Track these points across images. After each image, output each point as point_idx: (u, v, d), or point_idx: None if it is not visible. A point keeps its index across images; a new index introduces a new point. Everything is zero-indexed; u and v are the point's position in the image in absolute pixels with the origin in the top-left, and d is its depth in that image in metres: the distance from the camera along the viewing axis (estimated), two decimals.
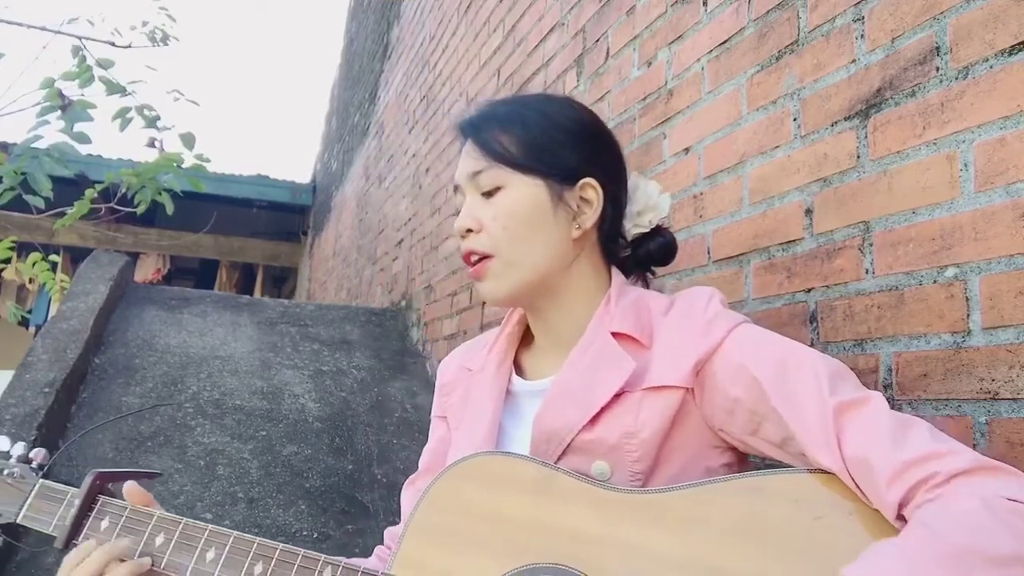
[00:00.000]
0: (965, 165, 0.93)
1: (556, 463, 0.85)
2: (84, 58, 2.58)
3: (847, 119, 1.12)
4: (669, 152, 1.58)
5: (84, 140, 2.45)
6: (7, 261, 3.05)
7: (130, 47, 2.93)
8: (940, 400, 0.94)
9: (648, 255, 1.00)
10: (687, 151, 1.52)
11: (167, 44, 3.04)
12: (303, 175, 10.94)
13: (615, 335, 0.88)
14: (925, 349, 0.97)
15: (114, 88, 2.60)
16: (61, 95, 2.41)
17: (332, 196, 7.16)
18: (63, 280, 3.44)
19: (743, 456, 0.89)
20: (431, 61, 3.76)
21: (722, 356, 0.83)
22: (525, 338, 1.02)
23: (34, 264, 3.09)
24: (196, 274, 9.24)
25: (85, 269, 3.56)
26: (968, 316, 0.91)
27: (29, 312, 7.64)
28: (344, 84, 7.23)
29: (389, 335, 3.74)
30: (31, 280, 6.16)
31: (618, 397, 0.85)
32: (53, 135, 2.43)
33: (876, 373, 1.04)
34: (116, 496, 0.99)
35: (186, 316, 3.54)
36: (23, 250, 3.74)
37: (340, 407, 3.01)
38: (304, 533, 2.31)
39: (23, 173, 2.40)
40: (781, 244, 1.24)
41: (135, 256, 6.88)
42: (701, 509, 0.75)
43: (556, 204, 0.91)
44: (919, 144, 1.00)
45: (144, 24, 3.00)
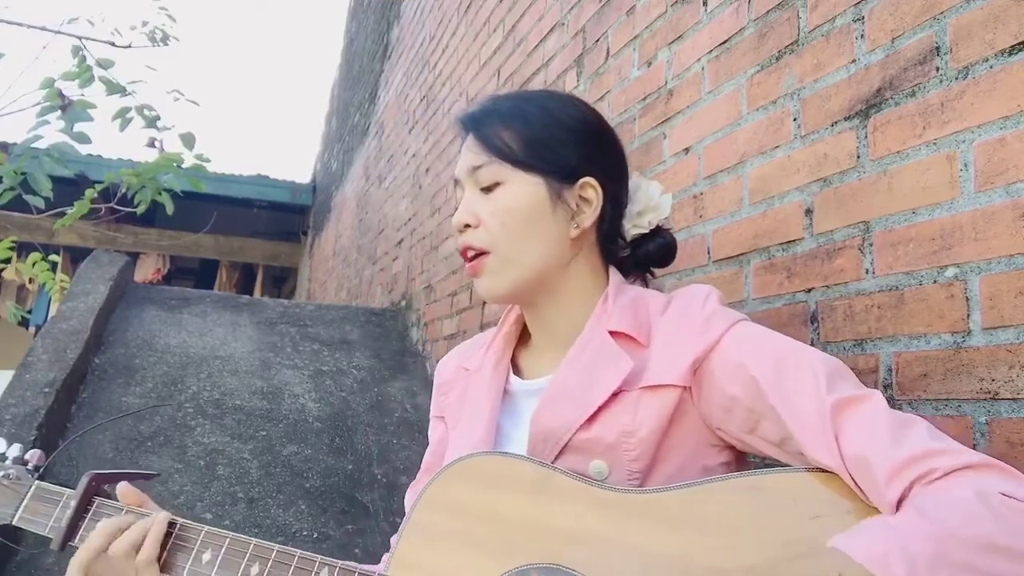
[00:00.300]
0: (965, 165, 0.93)
1: (554, 462, 0.85)
2: (84, 58, 2.57)
3: (847, 119, 1.12)
4: (669, 152, 1.58)
5: (84, 140, 2.45)
6: (7, 261, 3.05)
7: (130, 47, 2.93)
8: (940, 400, 0.94)
9: (647, 256, 1.00)
10: (687, 151, 1.52)
11: (167, 44, 3.04)
12: (303, 175, 10.95)
13: (613, 334, 0.88)
14: (925, 349, 0.97)
15: (114, 88, 2.60)
16: (61, 95, 2.41)
17: (332, 196, 7.16)
18: (63, 280, 3.44)
19: (741, 455, 0.89)
20: (431, 61, 3.76)
21: (720, 354, 0.82)
22: (522, 337, 1.01)
23: (34, 264, 3.09)
24: (196, 274, 9.24)
25: (85, 269, 3.56)
26: (968, 316, 0.91)
27: (29, 312, 7.64)
28: (344, 84, 7.23)
29: (389, 335, 3.74)
30: (31, 280, 6.15)
31: (616, 396, 0.85)
32: (53, 135, 2.43)
33: (876, 373, 1.04)
34: (112, 498, 0.99)
35: (186, 316, 3.54)
36: (23, 250, 3.74)
37: (340, 407, 3.01)
38: (304, 533, 2.31)
39: (23, 173, 2.40)
40: (781, 244, 1.24)
41: (135, 256, 6.88)
42: (698, 508, 0.75)
43: (555, 202, 0.91)
44: (919, 144, 1.00)
45: (144, 24, 3.01)
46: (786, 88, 1.25)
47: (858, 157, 1.10)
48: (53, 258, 3.40)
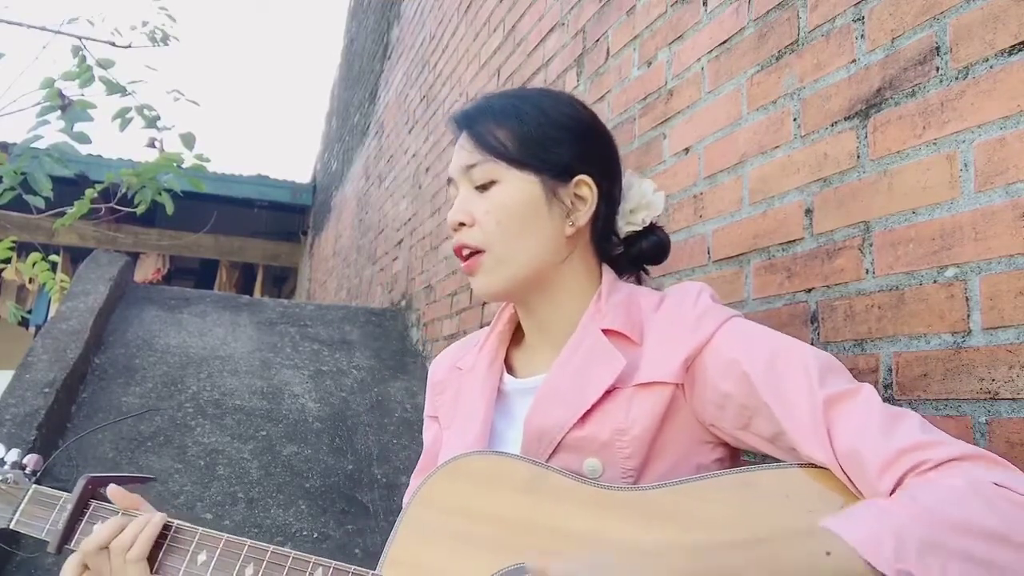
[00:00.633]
0: (965, 165, 0.93)
1: (548, 461, 0.85)
2: (84, 58, 2.58)
3: (847, 119, 1.12)
4: (669, 152, 1.58)
5: (84, 140, 2.45)
6: (7, 261, 3.05)
7: (130, 47, 2.93)
8: (940, 400, 0.94)
9: (640, 253, 1.00)
10: (687, 151, 1.52)
11: (167, 44, 3.04)
12: (303, 175, 10.95)
13: (606, 332, 0.88)
14: (925, 349, 0.97)
15: (114, 88, 2.60)
16: (61, 95, 2.41)
17: (332, 196, 7.17)
18: (63, 280, 3.44)
19: (735, 452, 0.89)
20: (431, 61, 3.76)
21: (712, 351, 0.82)
22: (516, 336, 1.01)
23: (34, 264, 3.09)
24: (196, 274, 9.24)
25: (85, 269, 3.56)
26: (968, 316, 0.91)
27: (29, 312, 7.64)
28: (344, 84, 7.23)
29: (389, 335, 3.74)
30: (31, 280, 6.16)
31: (608, 394, 0.85)
32: (53, 135, 2.43)
33: (876, 373, 1.04)
34: (109, 501, 0.99)
35: (186, 316, 3.54)
36: (23, 250, 3.75)
37: (340, 407, 3.01)
38: (304, 533, 2.31)
39: (23, 173, 2.40)
40: (781, 244, 1.24)
41: (135, 256, 6.88)
42: (692, 505, 0.75)
43: (550, 200, 0.91)
44: (919, 144, 1.00)
45: (144, 24, 3.01)
46: (786, 88, 1.25)
47: (858, 157, 1.10)
48: (53, 258, 3.40)
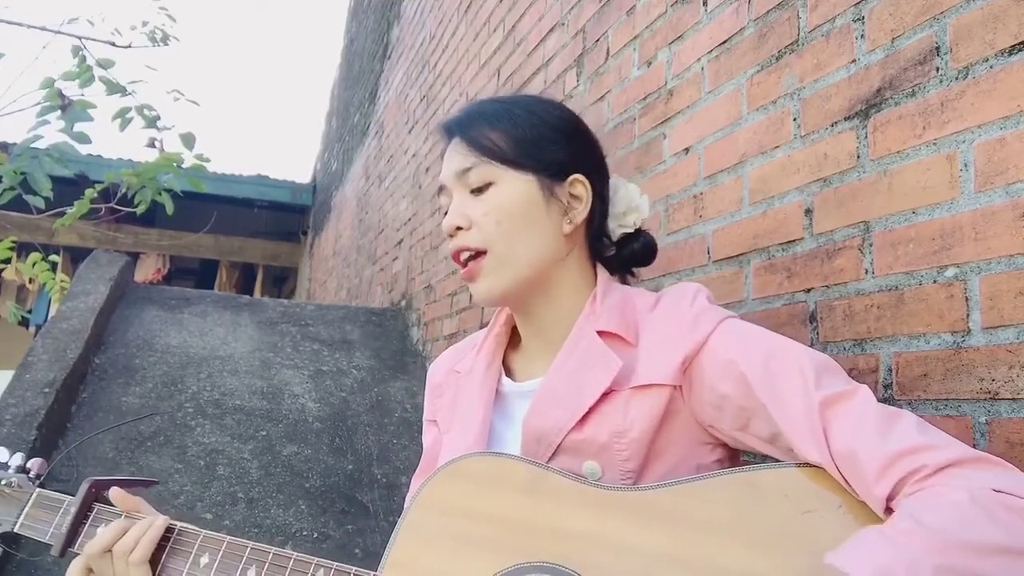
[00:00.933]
0: (965, 165, 0.93)
1: (547, 463, 0.85)
2: (84, 58, 2.58)
3: (847, 119, 1.12)
4: (669, 152, 1.58)
5: (84, 140, 2.45)
6: (7, 261, 3.05)
7: (130, 47, 2.93)
8: (940, 400, 0.94)
9: (632, 255, 1.01)
10: (687, 151, 1.52)
11: (167, 44, 3.04)
12: (303, 175, 10.95)
13: (601, 334, 0.88)
14: (925, 349, 0.97)
15: (114, 88, 2.60)
16: (61, 95, 2.41)
17: (332, 196, 7.17)
18: (63, 280, 3.44)
19: (735, 453, 0.89)
20: (431, 61, 3.76)
21: (709, 352, 0.83)
22: (512, 339, 1.02)
23: (34, 264, 3.09)
24: (196, 274, 9.24)
25: (85, 269, 3.56)
26: (968, 316, 0.91)
27: (29, 312, 7.64)
28: (344, 84, 7.23)
29: (389, 335, 3.74)
30: (31, 280, 6.15)
31: (606, 396, 0.85)
32: (53, 135, 2.43)
33: (876, 373, 1.04)
34: (112, 504, 1.00)
35: (186, 316, 3.54)
36: (23, 250, 3.75)
37: (340, 407, 3.01)
38: (304, 533, 2.31)
39: (23, 173, 2.40)
40: (781, 244, 1.24)
41: (135, 256, 6.88)
42: (691, 505, 0.75)
43: (548, 199, 0.91)
44: (919, 144, 1.00)
45: (144, 24, 3.01)
46: (786, 88, 1.25)
47: (858, 157, 1.10)
48: (53, 258, 3.40)
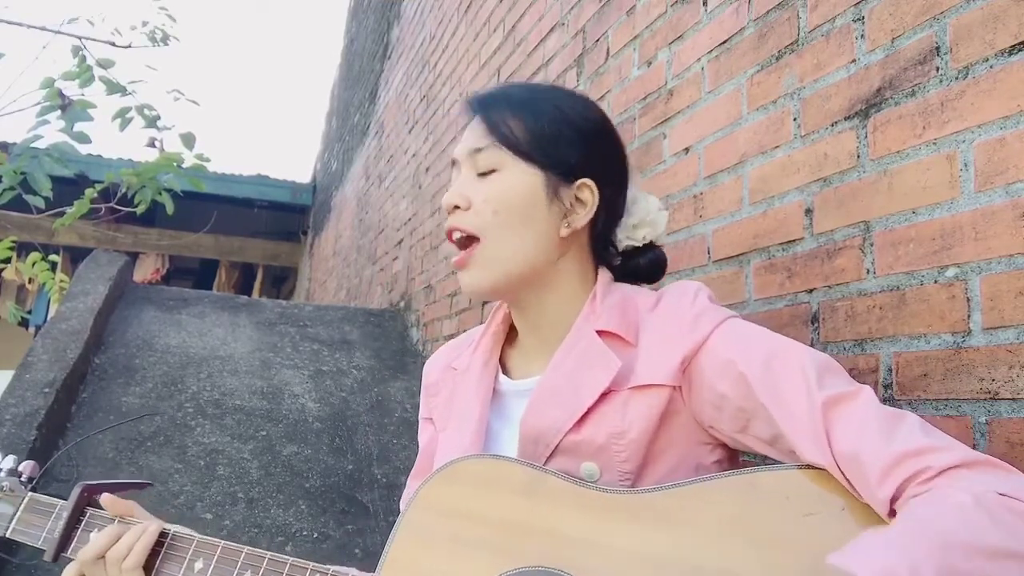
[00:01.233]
0: (965, 165, 0.93)
1: (544, 465, 0.84)
2: (84, 58, 2.58)
3: (847, 119, 1.12)
4: (669, 152, 1.58)
5: (84, 140, 2.45)
6: (7, 261, 3.05)
7: (130, 47, 2.93)
8: (940, 400, 0.94)
9: (637, 270, 0.98)
10: (687, 151, 1.52)
11: (167, 44, 3.04)
12: (303, 175, 10.94)
13: (601, 333, 0.87)
14: (925, 349, 0.97)
15: (114, 88, 2.60)
16: (61, 95, 2.41)
17: (332, 196, 7.16)
18: (62, 280, 3.44)
19: (735, 453, 0.88)
20: (431, 61, 3.76)
21: (709, 352, 0.81)
22: (510, 336, 1.00)
23: (34, 264, 3.09)
24: (194, 274, 9.24)
25: (84, 269, 3.56)
26: (968, 316, 0.91)
27: (29, 312, 7.64)
28: (344, 84, 7.23)
29: (389, 335, 3.74)
30: (31, 280, 6.16)
31: (604, 397, 0.84)
32: (53, 135, 2.43)
33: (876, 373, 1.04)
34: (104, 508, 0.99)
35: (184, 317, 3.54)
36: (23, 250, 3.74)
37: (340, 407, 3.01)
38: (304, 533, 2.31)
39: (23, 173, 2.40)
40: (781, 244, 1.24)
41: (134, 256, 6.88)
42: (691, 508, 0.74)
43: (550, 198, 0.89)
44: (919, 144, 1.00)
45: (144, 24, 3.01)
46: (786, 88, 1.25)
47: (858, 157, 1.10)
48: (53, 258, 3.40)
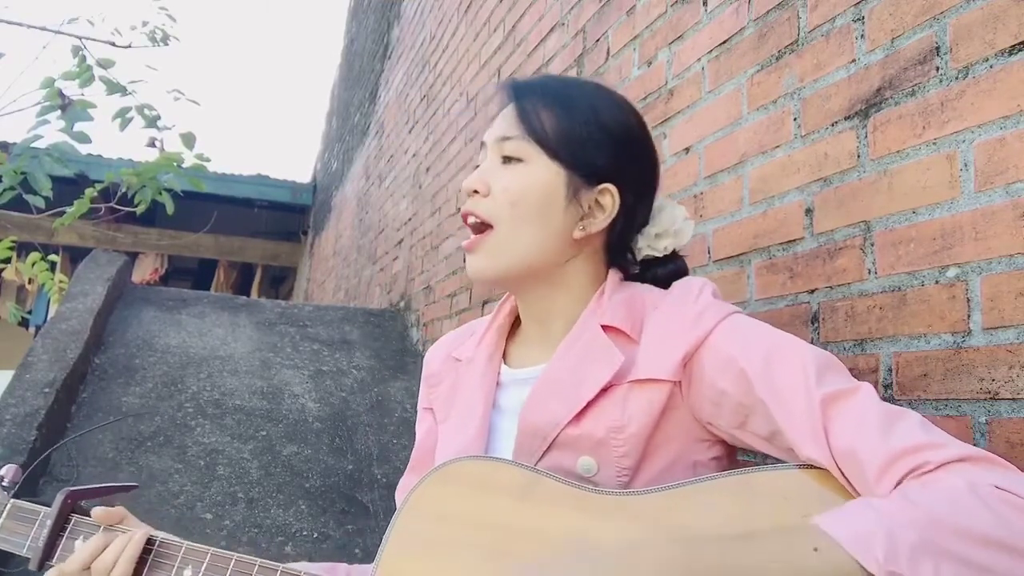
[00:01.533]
0: (965, 165, 0.93)
1: (542, 458, 0.84)
2: (84, 58, 2.58)
3: (847, 119, 1.12)
4: (669, 152, 1.58)
5: (84, 140, 2.45)
6: (7, 261, 3.05)
7: (130, 47, 2.93)
8: (940, 400, 0.94)
9: (655, 280, 0.96)
10: (687, 151, 1.52)
11: (167, 44, 3.04)
12: (303, 175, 10.94)
13: (605, 328, 0.86)
14: (925, 349, 0.97)
15: (114, 88, 2.60)
16: (61, 95, 2.41)
17: (332, 196, 7.16)
18: (62, 280, 3.44)
19: (732, 450, 0.88)
20: (431, 61, 3.76)
21: (710, 348, 0.81)
22: (513, 327, 1.00)
23: (33, 264, 3.09)
24: (193, 274, 9.24)
25: (84, 269, 3.55)
26: (969, 316, 0.91)
27: (29, 312, 7.64)
28: (344, 84, 7.23)
29: (389, 335, 3.74)
30: (31, 280, 6.16)
31: (605, 391, 0.83)
32: (53, 135, 2.43)
33: (876, 373, 1.04)
34: (89, 514, 0.96)
35: (184, 317, 3.54)
36: (23, 250, 3.75)
37: (340, 407, 3.01)
38: (304, 533, 2.31)
39: (23, 173, 2.40)
40: (781, 244, 1.24)
41: (134, 256, 6.88)
42: (688, 509, 0.74)
43: (569, 199, 0.89)
44: (919, 144, 1.00)
45: (144, 24, 3.01)
46: (786, 88, 1.25)
47: (858, 157, 1.10)
48: (52, 258, 3.40)
